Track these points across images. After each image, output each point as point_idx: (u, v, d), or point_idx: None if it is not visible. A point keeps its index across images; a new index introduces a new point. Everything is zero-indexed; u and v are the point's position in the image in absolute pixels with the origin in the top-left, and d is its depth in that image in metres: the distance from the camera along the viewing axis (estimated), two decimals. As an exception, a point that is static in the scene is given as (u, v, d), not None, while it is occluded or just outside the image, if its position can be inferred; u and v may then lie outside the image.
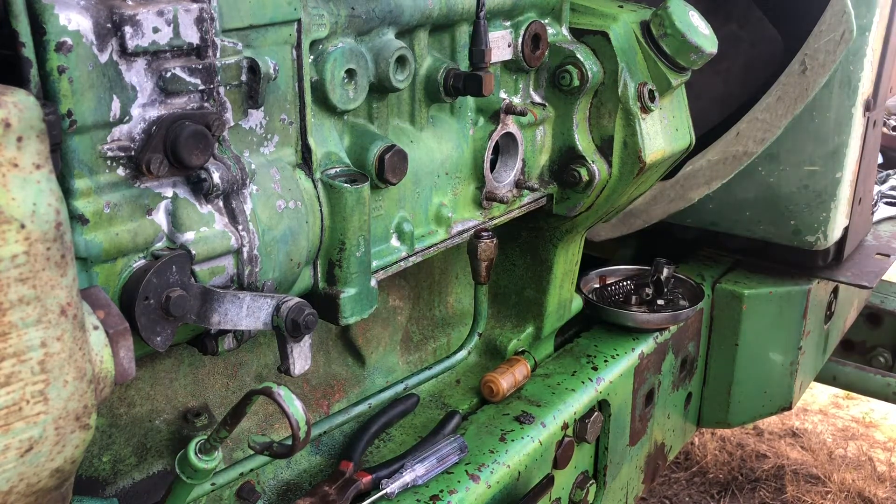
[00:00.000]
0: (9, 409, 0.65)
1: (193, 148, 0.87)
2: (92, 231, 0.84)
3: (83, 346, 0.69)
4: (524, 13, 1.42)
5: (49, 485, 0.70)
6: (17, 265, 0.63)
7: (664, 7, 1.52)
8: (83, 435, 0.71)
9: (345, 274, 1.12)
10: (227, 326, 0.93)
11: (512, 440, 1.50)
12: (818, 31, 1.92)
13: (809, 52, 1.95)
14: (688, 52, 1.52)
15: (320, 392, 1.49)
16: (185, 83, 0.88)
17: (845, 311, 2.61)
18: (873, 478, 3.14)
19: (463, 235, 1.40)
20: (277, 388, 0.86)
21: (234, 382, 1.34)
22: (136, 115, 0.86)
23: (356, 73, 1.13)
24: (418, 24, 1.23)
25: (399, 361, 1.64)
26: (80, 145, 0.83)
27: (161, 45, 0.85)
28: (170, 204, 0.91)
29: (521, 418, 1.56)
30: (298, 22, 1.01)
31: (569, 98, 1.51)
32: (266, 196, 0.99)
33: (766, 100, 2.02)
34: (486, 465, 1.43)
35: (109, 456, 1.18)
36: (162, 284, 0.87)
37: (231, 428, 0.90)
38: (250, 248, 0.97)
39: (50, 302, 0.66)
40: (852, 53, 1.96)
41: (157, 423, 1.23)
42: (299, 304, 0.96)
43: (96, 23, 0.80)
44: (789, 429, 3.48)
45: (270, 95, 1.00)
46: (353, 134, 1.17)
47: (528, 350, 1.79)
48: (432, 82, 1.27)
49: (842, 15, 1.88)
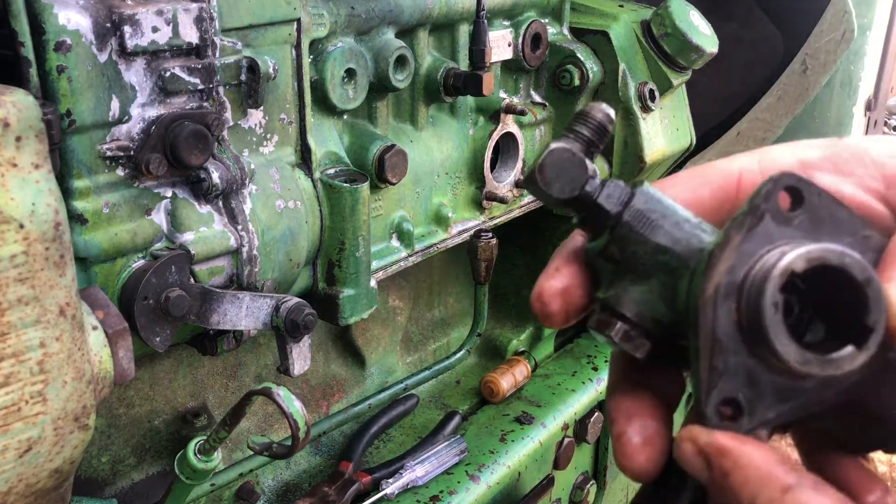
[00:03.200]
0: (7, 409, 0.65)
1: (193, 148, 0.87)
2: (91, 231, 0.84)
3: (82, 347, 0.69)
4: (524, 13, 1.42)
5: (48, 485, 0.70)
6: (16, 265, 0.63)
7: (665, 6, 1.52)
8: (82, 435, 0.71)
9: (344, 274, 1.11)
10: (227, 327, 0.93)
11: (512, 441, 1.50)
12: (819, 30, 1.92)
13: (810, 51, 1.95)
14: (688, 52, 1.52)
15: (320, 392, 1.48)
16: (185, 83, 0.88)
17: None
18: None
19: (463, 235, 1.39)
20: (277, 388, 0.86)
21: (233, 383, 1.33)
22: (136, 115, 0.86)
23: (356, 72, 1.13)
24: (418, 24, 1.22)
25: (399, 362, 1.64)
26: (79, 145, 0.82)
27: (160, 44, 0.85)
28: (169, 204, 0.91)
29: (521, 419, 1.56)
30: (298, 21, 1.01)
31: (569, 98, 1.51)
32: (265, 196, 0.99)
33: (767, 99, 2.02)
34: (486, 466, 1.43)
35: (108, 456, 1.18)
36: (161, 284, 0.87)
37: (230, 428, 0.90)
38: (250, 248, 0.97)
39: (49, 302, 0.65)
40: (853, 53, 1.96)
41: (156, 423, 1.23)
42: (299, 304, 0.96)
43: (95, 22, 0.80)
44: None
45: (270, 95, 1.00)
46: (352, 133, 1.17)
47: (529, 350, 1.79)
48: (432, 82, 1.27)
49: (843, 14, 1.88)
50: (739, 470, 0.45)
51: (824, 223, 0.47)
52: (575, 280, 0.53)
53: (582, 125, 0.53)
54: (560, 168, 0.51)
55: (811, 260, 0.44)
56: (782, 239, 0.46)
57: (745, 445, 0.45)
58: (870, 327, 0.44)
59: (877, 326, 0.44)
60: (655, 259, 0.50)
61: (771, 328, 0.44)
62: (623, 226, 0.50)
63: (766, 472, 0.44)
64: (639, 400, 0.53)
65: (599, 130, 0.53)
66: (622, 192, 0.51)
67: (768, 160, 0.53)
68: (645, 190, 0.51)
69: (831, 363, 0.44)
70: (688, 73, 1.57)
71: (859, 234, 0.47)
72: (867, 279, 0.44)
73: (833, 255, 0.44)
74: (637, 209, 0.50)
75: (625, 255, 0.51)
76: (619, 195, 0.51)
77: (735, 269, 0.46)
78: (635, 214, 0.50)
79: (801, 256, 0.44)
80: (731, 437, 0.45)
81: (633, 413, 0.52)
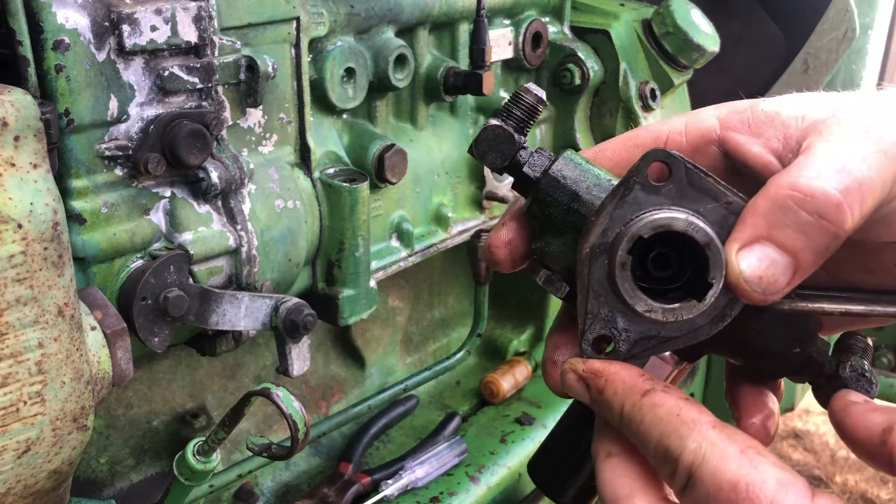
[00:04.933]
0: (6, 410, 0.64)
1: (191, 147, 0.87)
2: (89, 231, 0.84)
3: (81, 347, 0.69)
4: (525, 11, 1.42)
5: (46, 486, 0.70)
6: (15, 265, 0.62)
7: (666, 5, 1.51)
8: (81, 436, 0.70)
9: (344, 274, 1.11)
10: (226, 327, 0.93)
11: (512, 441, 1.49)
12: (820, 29, 1.91)
13: (812, 50, 1.94)
14: (689, 51, 1.51)
15: (319, 393, 1.48)
16: (183, 82, 0.87)
17: (847, 312, 2.60)
18: (876, 479, 3.14)
19: (463, 235, 1.39)
20: (276, 389, 0.86)
21: (232, 383, 1.33)
22: (134, 115, 0.85)
23: (355, 71, 1.12)
24: (418, 23, 1.22)
25: (398, 362, 1.63)
26: (77, 144, 0.82)
27: (159, 43, 0.85)
28: (168, 204, 0.90)
29: (521, 420, 1.56)
30: (297, 20, 1.01)
31: (570, 97, 1.51)
32: (264, 196, 0.99)
33: (768, 99, 2.01)
34: (487, 467, 1.42)
35: (107, 457, 1.18)
36: (160, 285, 0.87)
37: (229, 429, 0.90)
38: (249, 247, 0.96)
39: (47, 302, 0.65)
40: (855, 52, 1.95)
41: (154, 424, 1.22)
42: (298, 304, 0.95)
43: (94, 21, 0.80)
44: (791, 430, 3.48)
45: (269, 94, 1.00)
46: (352, 133, 1.17)
47: (529, 351, 1.78)
48: (432, 81, 1.27)
49: (844, 13, 1.88)
50: (610, 385, 0.55)
51: (690, 192, 0.54)
52: (517, 233, 0.63)
53: (514, 105, 0.61)
54: (492, 142, 0.60)
55: (656, 227, 0.53)
56: (650, 206, 0.54)
57: (612, 366, 0.56)
58: (709, 283, 0.52)
59: (714, 282, 0.52)
60: (566, 219, 0.59)
61: (620, 283, 0.54)
62: (541, 190, 0.59)
63: (631, 383, 0.54)
64: (565, 335, 0.64)
65: (530, 110, 0.61)
66: (544, 161, 0.60)
67: (693, 122, 0.60)
68: (566, 157, 0.59)
69: (673, 311, 0.54)
70: (689, 72, 1.57)
71: (723, 201, 0.54)
72: (707, 242, 0.52)
73: (677, 223, 0.53)
74: (553, 176, 0.59)
75: (544, 214, 0.60)
76: (541, 163, 0.60)
77: (607, 232, 0.55)
78: (551, 181, 0.59)
79: (648, 224, 0.53)
80: (602, 361, 0.56)
81: (559, 344, 0.63)
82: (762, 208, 0.52)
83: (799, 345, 0.58)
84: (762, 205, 0.52)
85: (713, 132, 0.59)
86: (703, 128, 0.59)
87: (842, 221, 0.50)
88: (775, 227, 0.51)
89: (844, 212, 0.50)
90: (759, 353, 0.59)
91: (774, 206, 0.51)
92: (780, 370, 0.60)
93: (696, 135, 0.60)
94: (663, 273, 0.56)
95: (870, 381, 0.58)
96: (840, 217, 0.50)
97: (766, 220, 0.51)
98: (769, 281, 0.51)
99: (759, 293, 0.52)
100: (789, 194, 0.51)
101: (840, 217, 0.50)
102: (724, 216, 0.53)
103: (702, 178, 0.54)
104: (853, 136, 0.52)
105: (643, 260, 0.55)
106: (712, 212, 0.53)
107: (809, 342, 0.59)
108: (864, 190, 0.50)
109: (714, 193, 0.54)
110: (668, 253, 0.55)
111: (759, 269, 0.51)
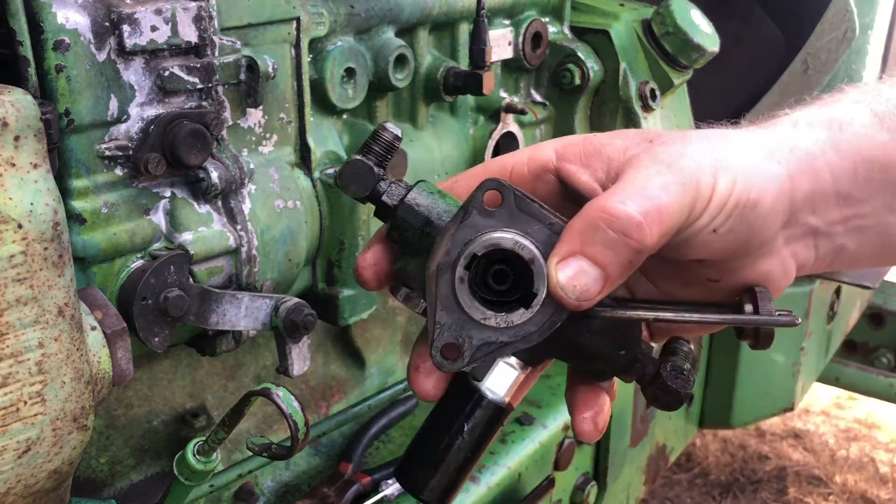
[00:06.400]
0: (6, 410, 0.64)
1: (192, 147, 0.87)
2: (89, 231, 0.84)
3: (81, 347, 0.69)
4: (525, 12, 1.42)
5: (47, 486, 0.70)
6: (15, 265, 0.62)
7: (666, 5, 1.51)
8: (81, 436, 0.71)
9: (344, 274, 1.11)
10: (226, 327, 0.93)
11: (512, 441, 1.49)
12: (820, 29, 1.92)
13: (812, 50, 1.94)
14: (689, 51, 1.51)
15: (319, 393, 1.48)
16: (184, 82, 0.87)
17: (848, 312, 2.60)
18: (876, 479, 3.14)
19: (463, 235, 1.39)
20: (276, 388, 0.86)
21: (232, 383, 1.33)
22: (134, 115, 0.85)
23: (355, 71, 1.12)
24: (418, 23, 1.22)
25: (398, 362, 1.63)
26: (77, 145, 0.82)
27: (159, 43, 0.85)
28: (168, 204, 0.90)
29: (521, 419, 1.55)
30: (297, 20, 1.01)
31: (570, 97, 1.51)
32: (265, 196, 0.99)
33: (768, 98, 2.02)
34: (486, 467, 1.42)
35: (107, 457, 1.18)
36: (160, 285, 0.87)
37: (229, 429, 0.90)
38: (249, 247, 0.96)
39: (47, 302, 0.65)
40: (855, 52, 1.95)
41: (155, 424, 1.22)
42: (298, 304, 0.95)
43: (94, 21, 0.80)
44: (791, 430, 3.48)
45: (269, 94, 1.00)
46: (352, 133, 1.17)
47: (529, 350, 1.78)
48: (432, 81, 1.27)
49: (844, 13, 1.88)
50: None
51: (519, 215, 0.62)
52: (381, 256, 0.70)
53: (374, 142, 0.68)
54: (354, 175, 0.67)
55: (488, 246, 0.62)
56: (486, 228, 0.62)
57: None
58: (534, 293, 0.61)
59: (538, 292, 0.61)
60: (421, 242, 0.66)
61: (460, 295, 0.62)
62: (398, 217, 0.66)
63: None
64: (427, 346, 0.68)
65: (388, 147, 0.68)
66: (401, 190, 0.67)
67: (534, 154, 0.69)
68: (420, 187, 0.66)
69: (505, 318, 0.62)
70: (689, 72, 1.57)
71: (546, 222, 0.62)
72: (531, 258, 0.61)
73: (506, 241, 0.61)
74: (409, 204, 0.66)
75: (402, 238, 0.67)
76: (398, 193, 0.67)
77: (450, 252, 0.62)
78: (407, 208, 0.66)
79: (481, 243, 0.62)
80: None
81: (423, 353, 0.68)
82: (578, 228, 0.60)
83: (624, 348, 0.66)
84: (578, 225, 0.60)
85: (550, 163, 0.68)
86: (542, 159, 0.68)
87: (642, 239, 0.59)
88: (588, 244, 0.59)
89: (644, 231, 0.58)
90: (589, 355, 0.66)
91: (588, 225, 0.60)
92: (610, 370, 0.67)
93: (537, 165, 0.69)
94: (502, 286, 0.63)
95: (686, 379, 0.66)
96: (641, 235, 0.58)
97: (581, 238, 0.60)
98: (582, 289, 0.60)
99: (575, 300, 0.60)
100: (600, 216, 0.59)
101: (641, 235, 0.58)
102: (548, 235, 0.62)
103: (529, 204, 0.62)
104: (658, 168, 0.61)
105: (486, 275, 0.63)
106: (538, 232, 0.62)
107: (634, 345, 0.66)
108: (663, 213, 0.59)
109: (539, 216, 0.62)
110: (504, 269, 0.63)
111: (573, 279, 0.60)
